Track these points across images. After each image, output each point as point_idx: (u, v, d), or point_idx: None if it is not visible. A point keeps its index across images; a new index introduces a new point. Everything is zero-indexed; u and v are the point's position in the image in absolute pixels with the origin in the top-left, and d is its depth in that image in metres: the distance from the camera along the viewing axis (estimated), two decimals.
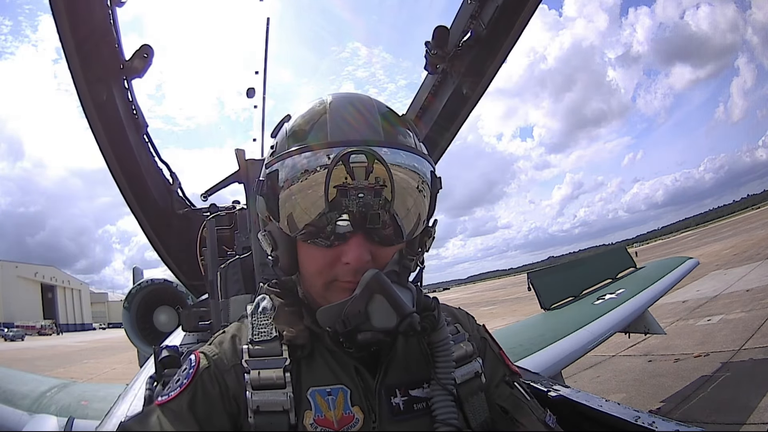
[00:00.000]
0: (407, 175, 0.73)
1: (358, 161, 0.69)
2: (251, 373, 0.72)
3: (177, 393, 0.72)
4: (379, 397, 0.75)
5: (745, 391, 4.63)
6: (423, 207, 0.77)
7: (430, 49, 2.04)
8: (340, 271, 0.72)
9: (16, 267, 69.31)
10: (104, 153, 2.31)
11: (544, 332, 4.27)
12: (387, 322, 0.68)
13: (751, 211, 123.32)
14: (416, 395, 0.76)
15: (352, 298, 0.69)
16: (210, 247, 2.23)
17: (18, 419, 3.55)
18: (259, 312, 0.83)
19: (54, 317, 68.96)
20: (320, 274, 0.74)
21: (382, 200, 0.70)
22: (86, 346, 29.05)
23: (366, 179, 0.69)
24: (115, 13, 1.96)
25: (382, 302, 0.68)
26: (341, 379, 0.75)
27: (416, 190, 0.74)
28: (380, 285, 0.68)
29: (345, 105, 0.76)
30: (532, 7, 1.78)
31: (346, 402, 0.73)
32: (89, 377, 13.14)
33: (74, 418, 3.40)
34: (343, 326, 0.69)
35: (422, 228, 0.79)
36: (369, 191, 0.69)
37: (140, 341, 5.38)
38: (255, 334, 0.78)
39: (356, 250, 0.70)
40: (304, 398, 0.73)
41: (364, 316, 0.68)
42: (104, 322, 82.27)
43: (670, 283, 5.41)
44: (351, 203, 0.69)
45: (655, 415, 1.10)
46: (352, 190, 0.69)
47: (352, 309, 0.68)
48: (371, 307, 0.68)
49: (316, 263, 0.74)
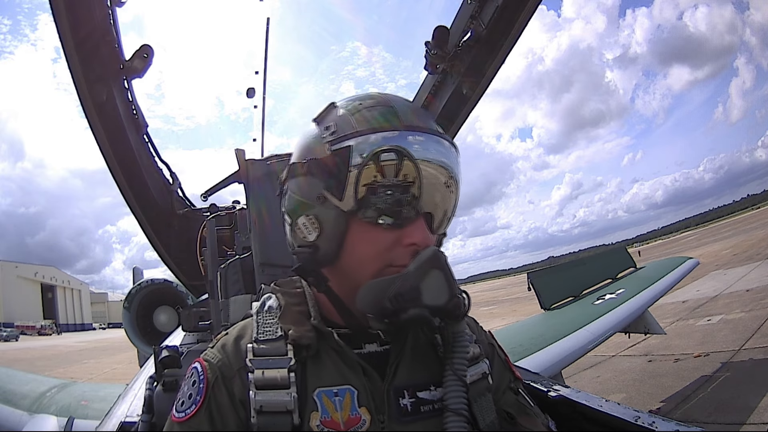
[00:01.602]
0: (434, 169, 0.74)
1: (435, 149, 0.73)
2: (255, 373, 0.72)
3: (195, 411, 0.71)
4: (388, 397, 0.74)
5: (745, 391, 4.64)
6: (450, 203, 0.79)
7: (430, 49, 2.04)
8: (398, 254, 0.72)
9: (16, 267, 69.26)
10: (104, 153, 2.31)
11: (544, 332, 4.27)
12: (438, 299, 0.69)
13: (750, 211, 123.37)
14: (423, 397, 0.76)
15: (405, 274, 0.68)
16: (210, 247, 2.23)
17: (18, 419, 3.55)
18: (265, 311, 0.81)
19: (54, 317, 68.92)
20: (376, 258, 0.72)
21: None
22: (86, 346, 29.06)
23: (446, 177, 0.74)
24: (115, 13, 1.96)
25: (438, 278, 0.69)
26: (348, 379, 0.74)
27: (444, 185, 0.76)
28: (440, 260, 0.70)
29: (403, 100, 0.79)
30: (532, 7, 1.78)
31: (353, 403, 0.72)
32: (89, 377, 13.15)
33: (74, 418, 3.40)
34: (391, 303, 0.68)
35: (447, 225, 0.81)
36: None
37: (140, 341, 5.37)
38: (260, 333, 0.77)
39: (422, 230, 0.72)
40: (310, 399, 0.71)
41: (418, 292, 0.67)
42: (104, 322, 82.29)
43: (670, 283, 5.41)
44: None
45: (655, 415, 1.10)
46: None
47: (405, 284, 0.67)
48: (425, 283, 0.68)
49: (374, 246, 0.72)
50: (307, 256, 0.77)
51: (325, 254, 0.75)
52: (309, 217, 0.76)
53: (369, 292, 0.70)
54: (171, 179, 2.92)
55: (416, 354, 0.80)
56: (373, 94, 0.81)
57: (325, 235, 0.75)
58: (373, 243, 0.73)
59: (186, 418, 0.71)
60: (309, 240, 0.76)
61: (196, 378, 0.75)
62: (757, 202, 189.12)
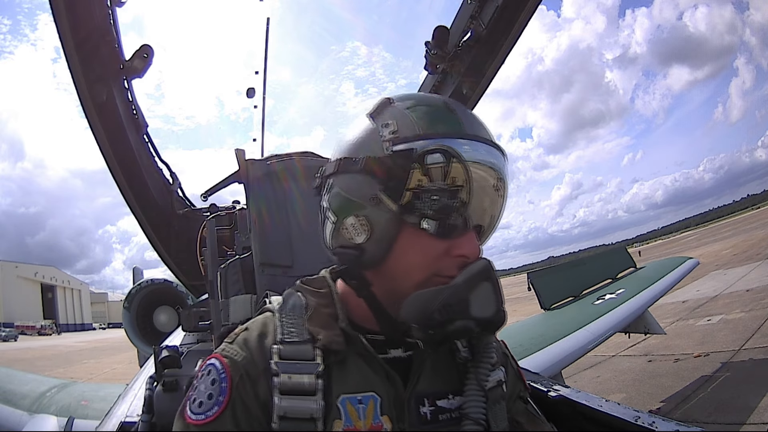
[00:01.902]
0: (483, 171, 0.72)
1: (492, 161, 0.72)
2: (281, 377, 0.68)
3: (218, 413, 0.66)
4: (409, 405, 0.73)
5: (745, 391, 4.64)
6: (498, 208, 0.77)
7: (430, 49, 2.04)
8: (446, 265, 0.70)
9: (16, 267, 69.27)
10: (104, 153, 2.32)
11: (544, 332, 4.27)
12: (486, 311, 0.68)
13: (750, 211, 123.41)
14: (442, 405, 0.76)
15: (455, 285, 0.67)
16: (210, 247, 2.23)
17: (18, 419, 3.56)
18: (288, 309, 0.77)
19: (54, 317, 68.95)
20: (424, 266, 0.70)
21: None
22: (86, 346, 29.07)
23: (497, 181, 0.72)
24: (115, 13, 1.96)
25: (487, 290, 0.69)
26: (373, 385, 0.72)
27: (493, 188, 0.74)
28: (490, 273, 0.70)
29: (458, 103, 0.77)
30: (532, 7, 1.78)
31: (376, 411, 0.70)
32: (89, 377, 13.15)
33: (74, 418, 3.41)
34: (439, 314, 0.66)
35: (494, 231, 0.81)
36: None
37: (140, 341, 5.38)
38: (285, 334, 0.73)
39: (473, 243, 0.71)
40: (334, 406, 0.69)
41: (466, 303, 0.67)
42: (104, 322, 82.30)
43: (670, 283, 5.42)
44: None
45: (655, 415, 1.10)
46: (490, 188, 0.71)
47: (454, 295, 0.66)
48: (474, 295, 0.67)
49: (423, 254, 0.70)
50: (351, 258, 0.74)
51: (371, 258, 0.72)
52: (359, 218, 0.72)
53: (416, 301, 0.68)
54: (171, 179, 2.92)
55: (437, 361, 0.79)
56: (428, 94, 0.78)
57: (374, 238, 0.71)
58: (422, 251, 0.70)
59: (207, 420, 0.66)
60: (355, 242, 0.73)
61: (216, 376, 0.69)
62: (757, 202, 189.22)
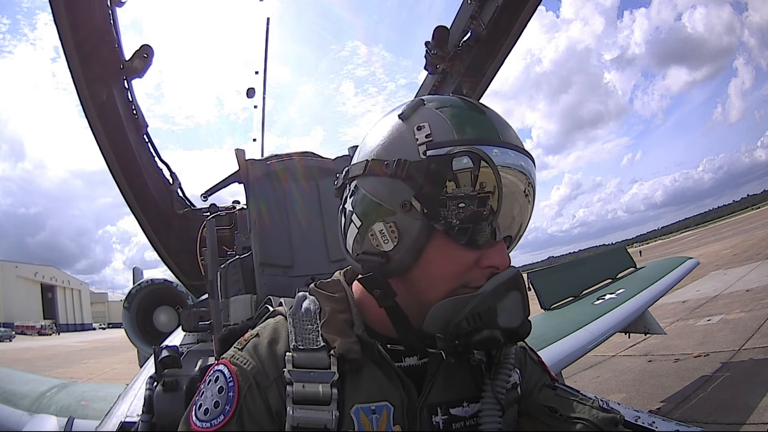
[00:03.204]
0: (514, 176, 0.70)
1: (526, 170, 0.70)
2: (294, 386, 0.65)
3: (224, 422, 0.64)
4: (420, 415, 0.72)
5: (745, 391, 4.63)
6: (526, 214, 0.74)
7: (430, 49, 2.04)
8: (474, 276, 0.68)
9: (16, 267, 69.24)
10: (104, 153, 2.32)
11: (544, 332, 4.26)
12: (513, 321, 0.67)
13: (750, 211, 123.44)
14: (456, 414, 0.74)
15: (483, 294, 0.66)
16: (210, 247, 2.23)
17: (18, 419, 3.55)
18: (302, 313, 0.74)
19: (54, 317, 68.88)
20: (453, 276, 0.68)
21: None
22: (86, 346, 29.03)
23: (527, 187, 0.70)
24: (115, 13, 1.96)
25: (516, 299, 0.68)
26: (387, 394, 0.70)
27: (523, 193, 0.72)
28: (520, 282, 0.69)
29: (491, 108, 0.75)
30: (532, 7, 1.79)
31: (389, 420, 0.69)
32: (89, 377, 13.14)
33: (74, 418, 3.41)
34: (467, 323, 0.65)
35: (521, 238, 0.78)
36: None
37: (140, 341, 5.37)
38: (298, 341, 0.70)
39: (503, 253, 0.70)
40: (347, 416, 0.67)
41: (494, 313, 0.66)
42: (104, 322, 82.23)
43: (670, 283, 5.42)
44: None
45: (655, 415, 1.10)
46: (521, 195, 0.69)
47: (482, 304, 0.65)
48: (502, 304, 0.66)
49: (452, 265, 0.68)
50: (377, 266, 0.70)
51: (398, 266, 0.70)
52: (388, 224, 0.68)
53: (442, 310, 0.67)
54: (171, 179, 2.92)
55: (451, 369, 0.77)
56: (461, 97, 0.76)
57: (402, 246, 0.68)
58: (452, 261, 0.68)
59: (212, 429, 0.64)
60: (383, 249, 0.70)
61: (224, 384, 0.67)
62: (757, 202, 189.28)
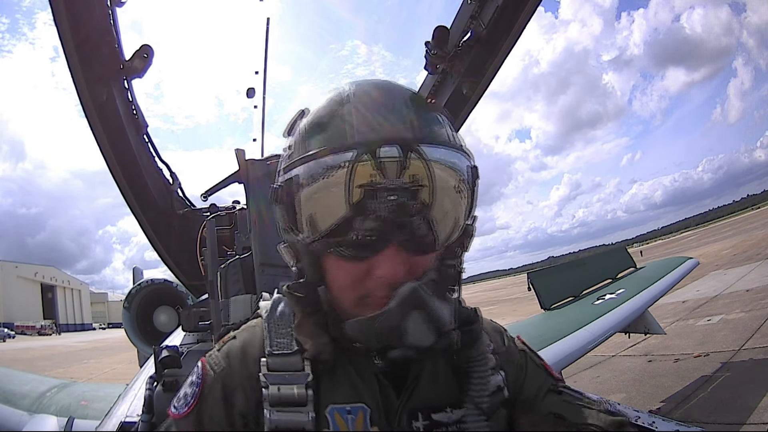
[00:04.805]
0: (445, 172, 0.63)
1: (390, 156, 0.59)
2: (270, 389, 0.67)
3: (186, 412, 0.70)
4: (400, 420, 0.70)
5: (745, 391, 4.63)
6: (461, 209, 0.68)
7: (430, 49, 2.04)
8: (373, 286, 0.65)
9: (16, 267, 69.26)
10: (104, 153, 2.32)
11: (544, 332, 4.27)
12: (423, 340, 0.63)
13: (750, 212, 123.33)
14: (438, 419, 0.71)
15: (387, 312, 0.62)
16: (210, 247, 2.23)
17: (18, 419, 3.55)
18: (277, 317, 0.75)
19: (54, 317, 68.92)
20: (351, 288, 0.67)
21: (419, 203, 0.61)
22: (86, 346, 29.03)
23: (399, 177, 0.60)
24: (115, 13, 1.96)
25: (418, 319, 0.63)
26: (363, 396, 0.70)
27: (454, 190, 0.65)
28: (419, 300, 0.63)
29: (368, 93, 0.67)
30: (532, 7, 1.79)
31: (366, 422, 0.68)
32: (89, 377, 13.14)
33: (74, 418, 3.40)
34: (375, 342, 0.64)
35: (460, 232, 0.70)
36: (403, 192, 0.60)
37: (140, 341, 5.37)
38: (273, 346, 0.71)
39: (390, 262, 0.63)
40: (322, 417, 0.68)
41: (400, 331, 0.62)
42: (104, 322, 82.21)
43: (670, 283, 5.41)
44: (380, 206, 0.60)
45: (655, 415, 1.10)
46: (381, 191, 0.60)
47: (387, 323, 0.62)
48: (407, 323, 0.62)
49: (344, 277, 0.67)
50: (298, 278, 0.74)
51: (309, 280, 0.72)
52: (285, 245, 0.74)
53: (354, 329, 0.66)
54: (171, 179, 2.92)
55: (435, 373, 0.75)
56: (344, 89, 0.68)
57: (302, 263, 0.72)
58: (344, 274, 0.67)
59: (177, 416, 0.71)
60: (292, 265, 0.75)
61: (195, 378, 0.73)
62: (757, 203, 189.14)
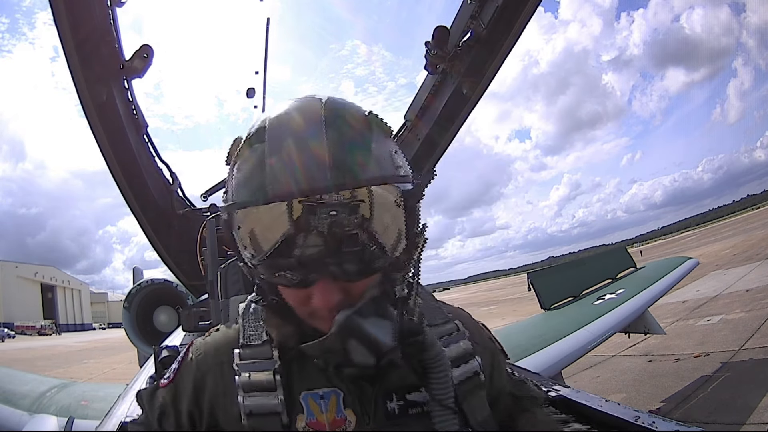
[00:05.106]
0: (383, 188, 0.64)
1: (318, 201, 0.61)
2: (241, 376, 0.73)
3: (167, 383, 0.80)
4: (375, 401, 0.75)
5: (745, 391, 4.63)
6: (402, 222, 0.68)
7: (430, 49, 2.04)
8: (315, 308, 0.68)
9: (16, 267, 69.25)
10: (104, 153, 2.32)
11: (544, 332, 4.26)
12: (366, 360, 0.66)
13: (750, 212, 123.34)
14: (413, 399, 0.76)
15: (329, 337, 0.66)
16: (210, 247, 2.23)
17: (18, 419, 3.55)
18: (250, 314, 0.82)
19: (54, 317, 68.89)
20: (300, 306, 0.72)
21: (359, 217, 0.62)
22: (86, 346, 29.03)
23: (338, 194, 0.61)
24: (115, 13, 1.96)
25: (356, 345, 0.65)
26: (334, 382, 0.75)
27: (394, 204, 0.66)
28: (351, 329, 0.65)
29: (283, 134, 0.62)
30: (532, 7, 1.79)
31: (339, 405, 0.73)
32: (89, 377, 13.14)
33: (74, 418, 3.40)
34: (327, 362, 0.69)
35: (404, 244, 0.69)
36: (343, 207, 0.61)
37: (140, 341, 5.38)
38: (246, 338, 0.78)
39: (322, 295, 0.66)
40: (297, 402, 0.73)
41: (345, 353, 0.66)
42: (104, 322, 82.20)
43: (670, 283, 5.41)
44: (321, 222, 0.60)
45: (655, 415, 1.10)
46: (321, 207, 0.60)
47: (331, 347, 0.66)
48: (349, 347, 0.65)
49: (292, 298, 0.71)
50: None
51: (268, 289, 0.77)
52: (239, 263, 0.75)
53: (309, 350, 0.69)
54: (171, 179, 2.92)
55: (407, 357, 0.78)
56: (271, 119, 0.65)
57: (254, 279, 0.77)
58: (290, 295, 0.71)
59: (162, 385, 0.81)
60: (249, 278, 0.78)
61: (180, 357, 0.84)
62: (757, 202, 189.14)
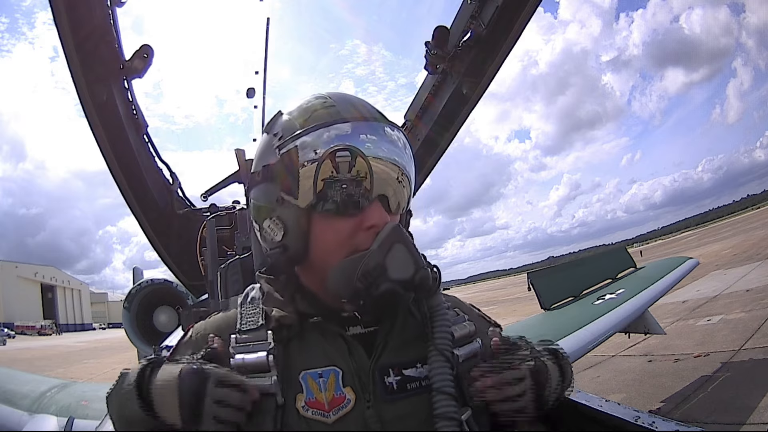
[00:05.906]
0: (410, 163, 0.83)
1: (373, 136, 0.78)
2: (236, 358, 0.75)
3: (168, 356, 0.83)
4: (373, 376, 0.75)
5: (745, 391, 4.63)
6: (412, 184, 0.85)
7: (430, 49, 2.04)
8: (361, 239, 0.75)
9: (16, 267, 69.22)
10: (104, 153, 2.32)
11: (544, 332, 4.26)
12: (404, 273, 0.72)
13: (750, 212, 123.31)
14: (410, 374, 0.77)
15: (370, 252, 0.72)
16: (210, 247, 2.23)
17: (18, 419, 3.54)
18: (248, 302, 0.85)
19: (54, 317, 68.87)
20: (341, 246, 0.76)
21: (402, 165, 0.80)
22: (86, 346, 29.03)
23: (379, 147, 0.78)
24: (115, 13, 1.96)
25: (401, 251, 0.73)
26: (333, 360, 0.75)
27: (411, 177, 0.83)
28: (400, 235, 0.75)
29: (345, 95, 0.85)
30: (532, 7, 1.79)
31: (338, 383, 0.73)
32: (89, 377, 13.14)
33: (74, 418, 3.40)
34: (360, 282, 0.71)
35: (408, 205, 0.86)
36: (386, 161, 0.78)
37: (140, 341, 5.37)
38: (243, 324, 0.80)
39: (379, 212, 0.76)
40: (295, 381, 0.74)
41: (383, 268, 0.71)
42: (104, 322, 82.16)
43: (670, 284, 5.40)
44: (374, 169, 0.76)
45: (655, 415, 1.10)
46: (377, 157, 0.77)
47: (370, 262, 0.71)
48: (389, 258, 0.72)
49: (337, 235, 0.77)
50: (278, 256, 0.82)
51: (295, 252, 0.80)
52: (273, 219, 0.81)
53: (338, 274, 0.74)
54: (171, 179, 2.92)
55: (404, 333, 0.81)
56: (319, 93, 0.86)
57: (290, 233, 0.79)
58: (335, 232, 0.77)
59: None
60: (277, 240, 0.81)
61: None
62: (757, 202, 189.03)
